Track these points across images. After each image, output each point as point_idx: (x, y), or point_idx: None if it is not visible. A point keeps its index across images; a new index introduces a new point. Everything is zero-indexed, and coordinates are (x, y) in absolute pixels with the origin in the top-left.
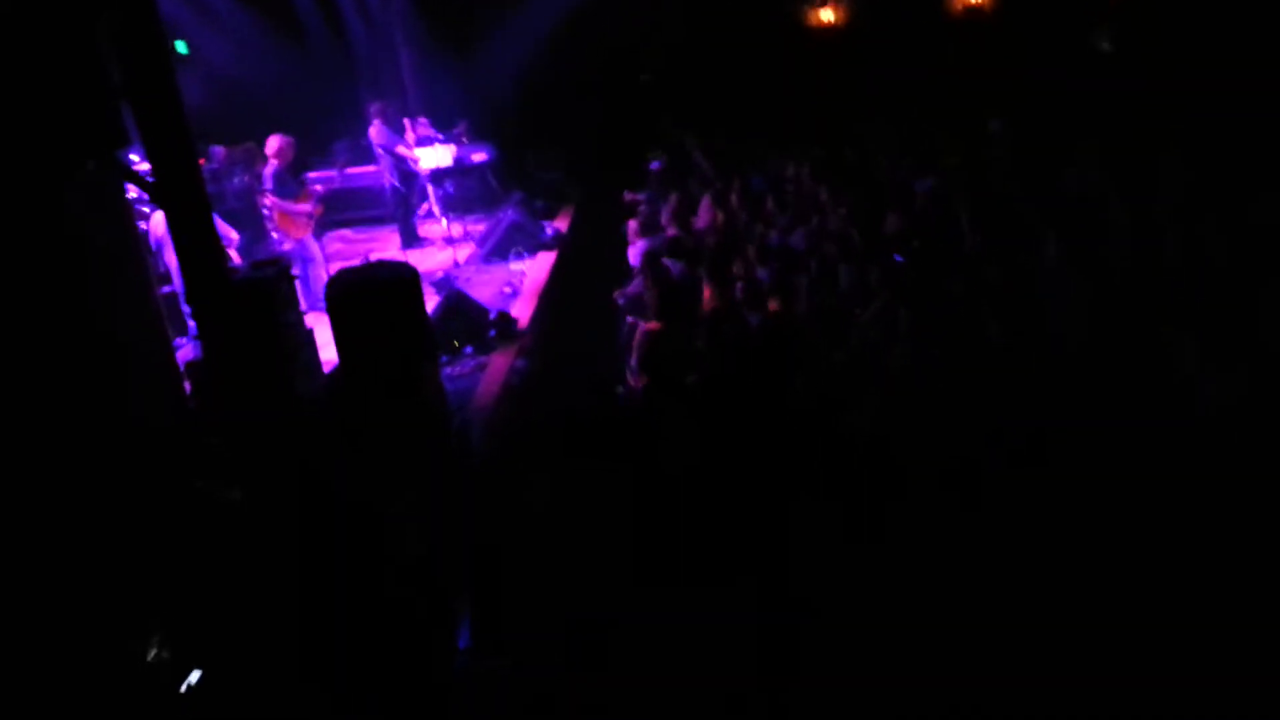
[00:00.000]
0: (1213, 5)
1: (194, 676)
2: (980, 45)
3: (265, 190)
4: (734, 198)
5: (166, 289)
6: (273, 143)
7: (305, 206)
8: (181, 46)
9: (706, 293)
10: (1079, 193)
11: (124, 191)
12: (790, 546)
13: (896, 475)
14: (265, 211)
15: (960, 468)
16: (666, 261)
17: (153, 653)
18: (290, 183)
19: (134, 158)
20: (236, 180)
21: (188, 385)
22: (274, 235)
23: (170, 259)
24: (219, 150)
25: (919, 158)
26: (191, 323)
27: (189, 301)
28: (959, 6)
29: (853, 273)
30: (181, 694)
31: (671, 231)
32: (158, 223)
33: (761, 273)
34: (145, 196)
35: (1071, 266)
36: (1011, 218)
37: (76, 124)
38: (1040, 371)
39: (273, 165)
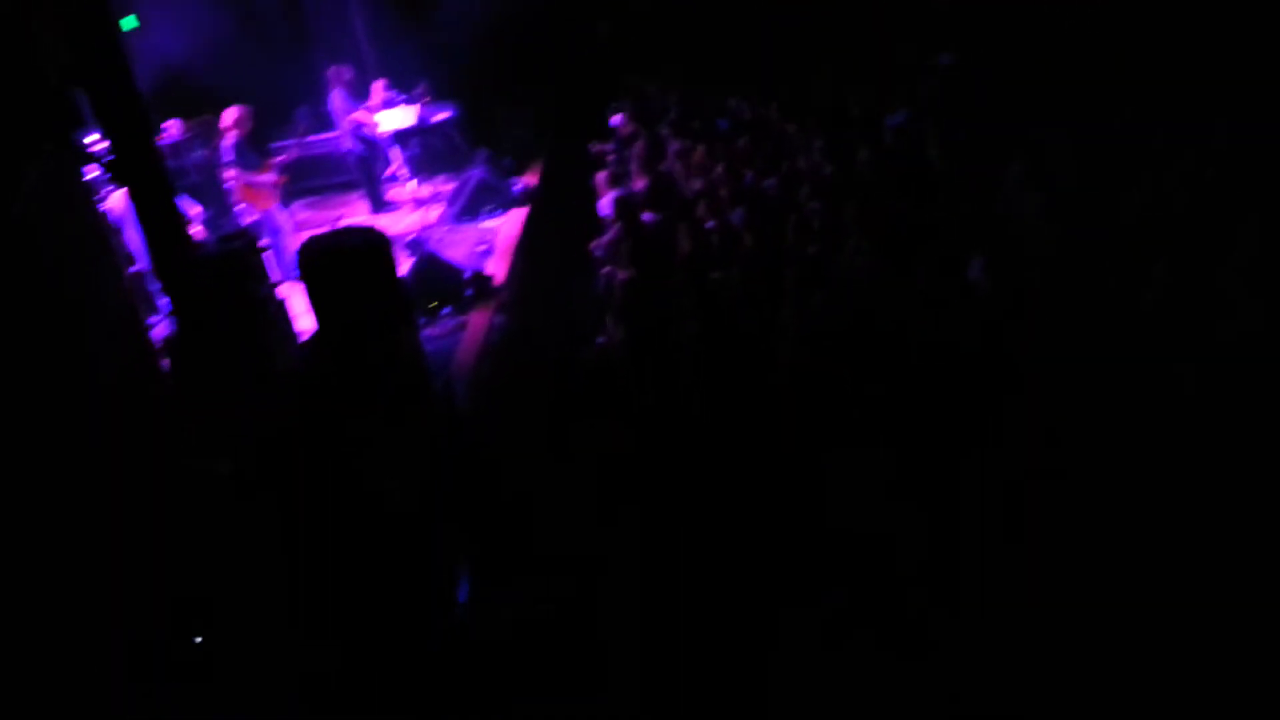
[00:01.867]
0: None
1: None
2: None
3: (226, 163)
4: (700, 143)
5: (132, 269)
6: (230, 114)
7: (269, 177)
8: (130, 21)
9: (681, 238)
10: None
11: (82, 174)
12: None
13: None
14: (228, 185)
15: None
16: (645, 213)
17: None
18: (251, 154)
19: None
20: (197, 154)
21: (165, 362)
22: (239, 208)
23: (133, 238)
24: (175, 123)
25: (887, 93)
26: (162, 299)
27: (158, 278)
28: None
29: (827, 211)
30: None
31: (640, 179)
32: (116, 202)
33: (735, 215)
34: (104, 176)
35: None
36: (978, 147)
37: (25, 107)
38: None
39: (232, 137)
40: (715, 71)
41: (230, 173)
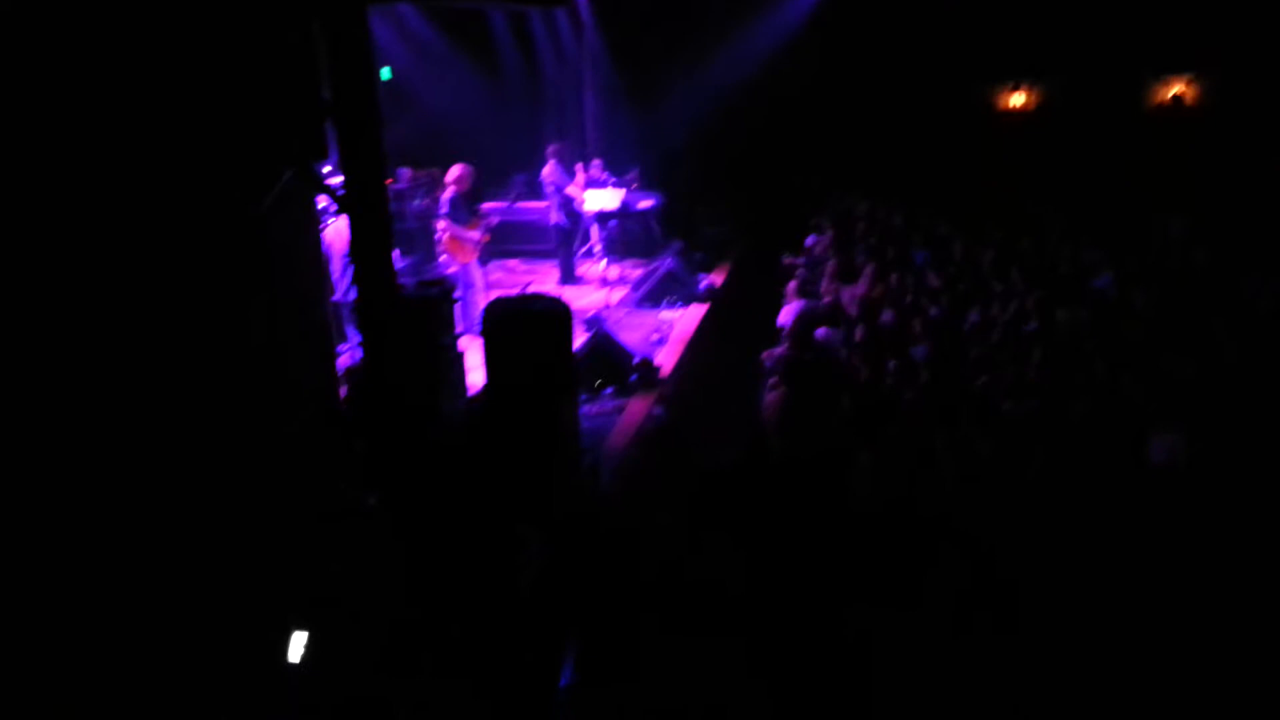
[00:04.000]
0: None
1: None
2: (1182, 140)
3: (441, 214)
4: (894, 273)
5: (332, 297)
6: (454, 171)
7: (475, 234)
8: (386, 72)
9: (860, 366)
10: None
11: (314, 200)
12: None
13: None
14: (437, 235)
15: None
16: (821, 329)
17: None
18: (464, 210)
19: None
20: (417, 202)
21: (343, 390)
22: (441, 258)
23: (337, 269)
24: (405, 172)
25: (1100, 251)
26: (350, 330)
27: (357, 311)
28: (1160, 99)
29: (1015, 361)
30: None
31: (828, 298)
32: (332, 234)
33: (919, 350)
34: (330, 207)
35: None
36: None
37: (284, 134)
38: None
39: (450, 191)
40: (928, 200)
41: (441, 224)
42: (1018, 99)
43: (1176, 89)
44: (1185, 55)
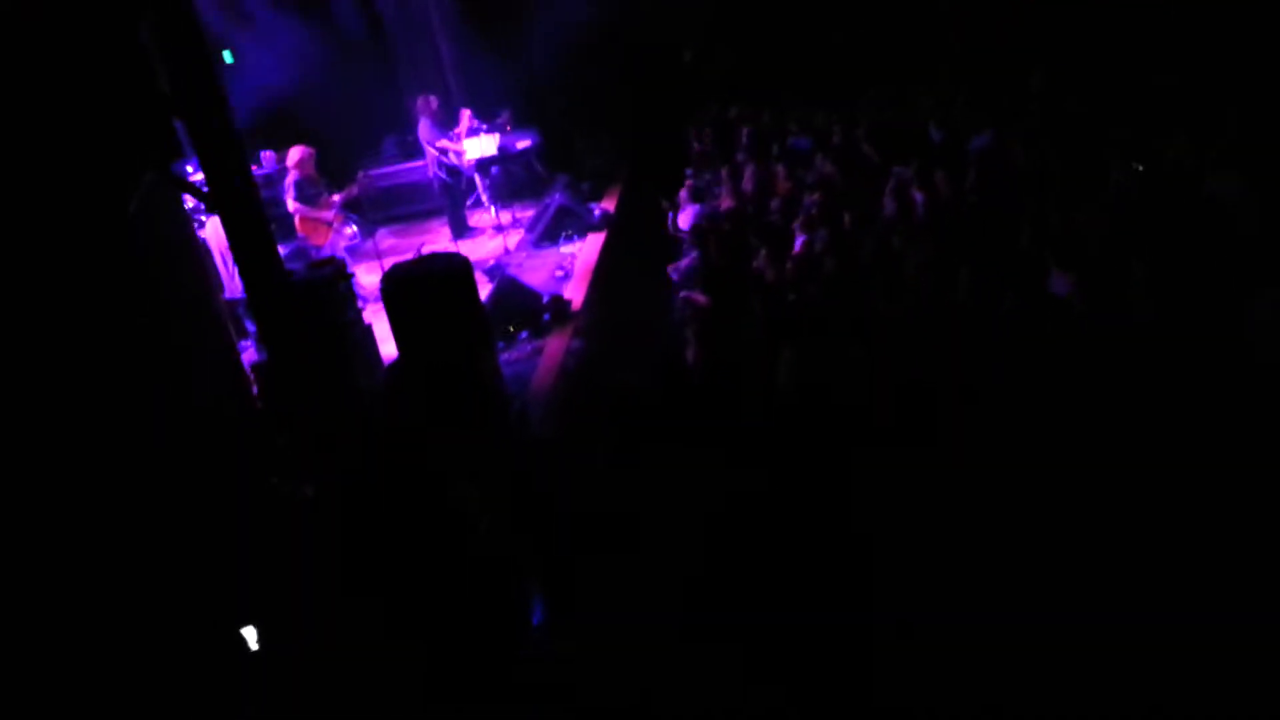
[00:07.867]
0: None
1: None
2: None
3: (287, 198)
4: (780, 166)
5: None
6: (293, 154)
7: (327, 214)
8: (228, 56)
9: (764, 263)
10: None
11: (181, 202)
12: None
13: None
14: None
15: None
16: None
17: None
18: (310, 191)
19: (189, 169)
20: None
21: (255, 387)
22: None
23: (222, 267)
24: (269, 154)
25: (970, 115)
26: (251, 325)
27: (249, 304)
28: None
29: (911, 236)
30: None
31: (726, 201)
32: (209, 232)
33: (818, 236)
34: (201, 205)
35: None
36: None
37: (131, 137)
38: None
39: (293, 175)
40: (794, 90)
41: (292, 207)
42: None
43: None
44: None
